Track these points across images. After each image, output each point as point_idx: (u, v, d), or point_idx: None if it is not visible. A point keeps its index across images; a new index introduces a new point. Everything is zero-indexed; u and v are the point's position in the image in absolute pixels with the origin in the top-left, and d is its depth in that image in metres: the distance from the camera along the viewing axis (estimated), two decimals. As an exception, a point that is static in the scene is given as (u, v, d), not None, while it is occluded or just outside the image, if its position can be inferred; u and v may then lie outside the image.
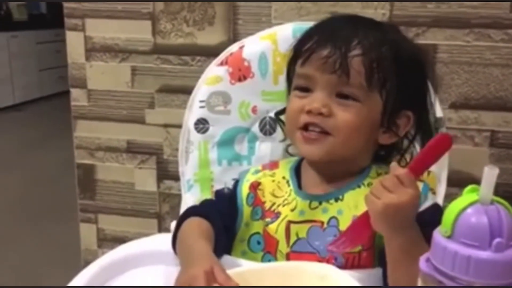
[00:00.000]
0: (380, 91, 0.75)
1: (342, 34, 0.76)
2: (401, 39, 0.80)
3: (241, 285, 0.64)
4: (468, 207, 0.44)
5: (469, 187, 0.47)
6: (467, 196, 0.45)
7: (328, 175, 0.80)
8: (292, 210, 0.79)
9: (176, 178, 1.10)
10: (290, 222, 0.79)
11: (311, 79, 0.76)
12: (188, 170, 1.02)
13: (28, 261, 2.22)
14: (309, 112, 0.75)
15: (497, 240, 0.42)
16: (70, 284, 0.72)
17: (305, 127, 0.76)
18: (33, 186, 3.14)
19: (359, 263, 0.74)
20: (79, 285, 0.72)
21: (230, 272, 0.65)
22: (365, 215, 0.67)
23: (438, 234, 0.45)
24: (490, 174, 0.44)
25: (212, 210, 0.83)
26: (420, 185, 0.76)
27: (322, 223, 0.77)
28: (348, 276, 0.63)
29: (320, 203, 0.78)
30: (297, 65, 0.79)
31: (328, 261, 0.73)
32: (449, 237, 0.44)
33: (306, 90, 0.77)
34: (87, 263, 0.81)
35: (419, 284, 0.47)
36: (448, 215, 0.45)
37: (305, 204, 0.79)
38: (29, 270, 2.15)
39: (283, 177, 0.84)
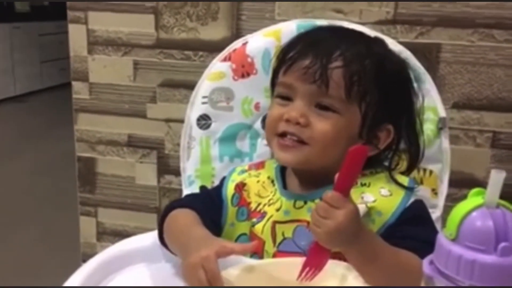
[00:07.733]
0: (360, 103, 0.75)
1: (324, 45, 0.76)
2: (386, 53, 0.80)
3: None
4: (474, 211, 0.44)
5: (474, 190, 0.46)
6: (472, 199, 0.45)
7: (310, 178, 0.80)
8: (277, 210, 0.79)
9: (177, 173, 1.10)
10: (275, 222, 0.79)
11: (292, 88, 0.76)
12: (189, 166, 1.02)
13: (27, 252, 2.22)
14: (287, 120, 0.75)
15: (503, 244, 0.42)
16: (69, 280, 0.72)
17: (283, 135, 0.76)
18: (33, 177, 3.13)
19: None
20: (77, 283, 0.71)
21: (236, 268, 0.67)
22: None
23: (442, 237, 0.45)
24: (496, 178, 0.43)
25: (196, 202, 0.83)
26: (406, 180, 0.78)
27: (308, 222, 0.76)
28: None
29: (305, 203, 0.78)
30: (280, 73, 0.80)
31: None
32: (453, 240, 0.44)
33: (287, 98, 0.78)
34: (86, 256, 0.81)
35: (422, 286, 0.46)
36: (453, 218, 0.44)
37: (290, 204, 0.79)
38: (27, 262, 2.15)
39: (268, 177, 0.85)
